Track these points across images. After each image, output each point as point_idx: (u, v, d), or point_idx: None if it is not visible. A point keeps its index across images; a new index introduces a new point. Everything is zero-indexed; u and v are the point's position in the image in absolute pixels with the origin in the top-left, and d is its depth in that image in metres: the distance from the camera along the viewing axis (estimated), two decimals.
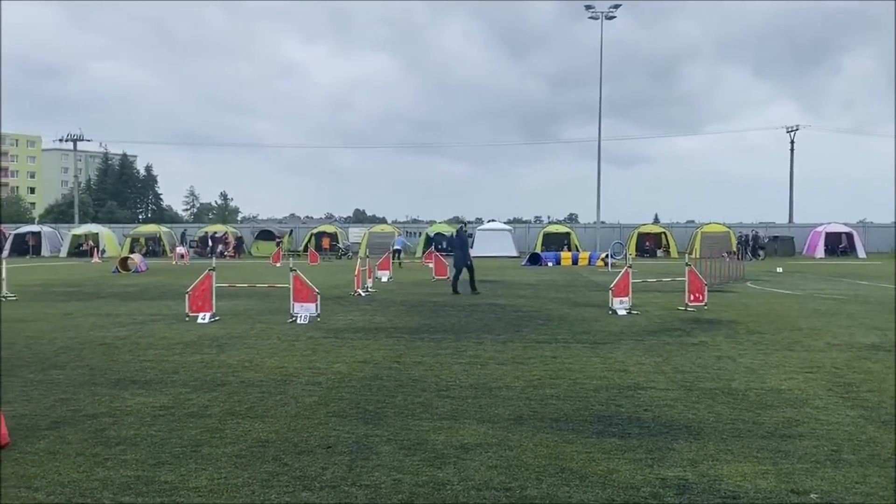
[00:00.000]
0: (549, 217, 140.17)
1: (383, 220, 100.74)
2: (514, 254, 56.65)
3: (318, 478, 5.63)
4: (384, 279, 28.48)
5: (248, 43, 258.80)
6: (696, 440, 6.70)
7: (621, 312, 16.83)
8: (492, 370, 9.98)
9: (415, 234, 67.10)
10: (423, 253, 51.18)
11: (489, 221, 69.40)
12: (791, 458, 6.22)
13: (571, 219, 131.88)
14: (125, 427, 7.11)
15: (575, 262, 45.01)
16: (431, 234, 60.85)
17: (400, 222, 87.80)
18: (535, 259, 44.83)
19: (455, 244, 24.31)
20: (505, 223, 67.43)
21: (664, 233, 60.62)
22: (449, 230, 63.29)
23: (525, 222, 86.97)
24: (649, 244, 59.16)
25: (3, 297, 20.58)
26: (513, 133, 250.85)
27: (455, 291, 22.38)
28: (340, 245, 59.21)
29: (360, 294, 21.83)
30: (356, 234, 64.89)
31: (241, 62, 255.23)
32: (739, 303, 19.53)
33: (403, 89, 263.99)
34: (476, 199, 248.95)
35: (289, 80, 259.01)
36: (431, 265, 32.23)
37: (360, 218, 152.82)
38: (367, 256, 26.90)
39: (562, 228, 61.57)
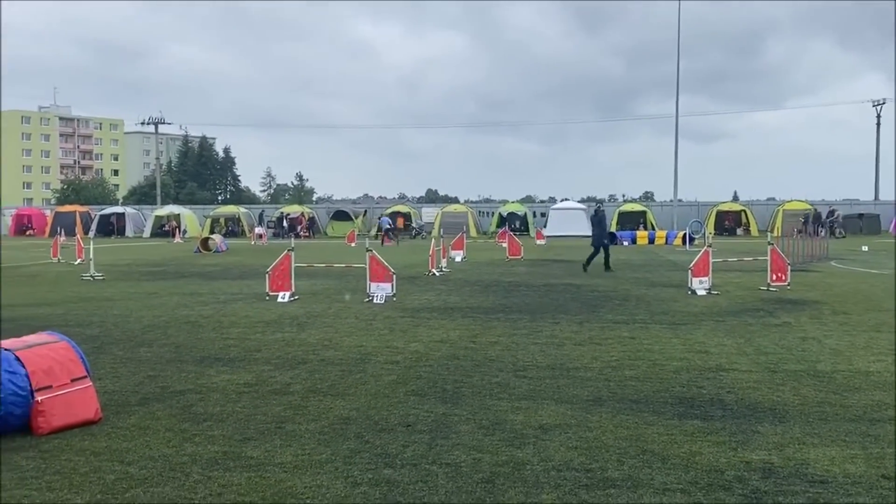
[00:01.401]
0: (623, 195, 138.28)
1: (455, 200, 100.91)
2: (589, 233, 56.08)
3: (398, 455, 5.70)
4: (458, 259, 28.55)
5: (320, 23, 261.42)
6: (781, 423, 6.56)
7: (701, 293, 16.53)
8: (569, 351, 9.94)
9: (487, 213, 67.01)
10: (497, 233, 51.08)
11: (562, 200, 68.87)
12: (881, 442, 6.04)
13: (647, 197, 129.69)
14: (211, 403, 7.33)
15: (651, 241, 44.36)
16: (504, 214, 60.68)
17: (472, 202, 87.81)
18: (610, 238, 44.31)
19: (593, 222, 24.49)
20: (579, 202, 66.79)
21: (744, 211, 59.22)
22: (521, 209, 63.03)
23: (599, 201, 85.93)
24: (729, 222, 57.87)
25: (92, 276, 21.35)
26: (586, 110, 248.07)
27: (585, 269, 22.76)
28: (414, 225, 59.54)
29: (434, 274, 21.95)
30: (429, 214, 65.15)
31: (314, 43, 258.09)
32: (823, 283, 18.98)
33: (475, 67, 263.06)
34: (549, 178, 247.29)
35: (361, 60, 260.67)
36: (505, 245, 32.16)
37: (432, 198, 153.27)
38: (441, 236, 26.96)
39: (637, 207, 60.70)
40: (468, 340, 10.79)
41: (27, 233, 65.46)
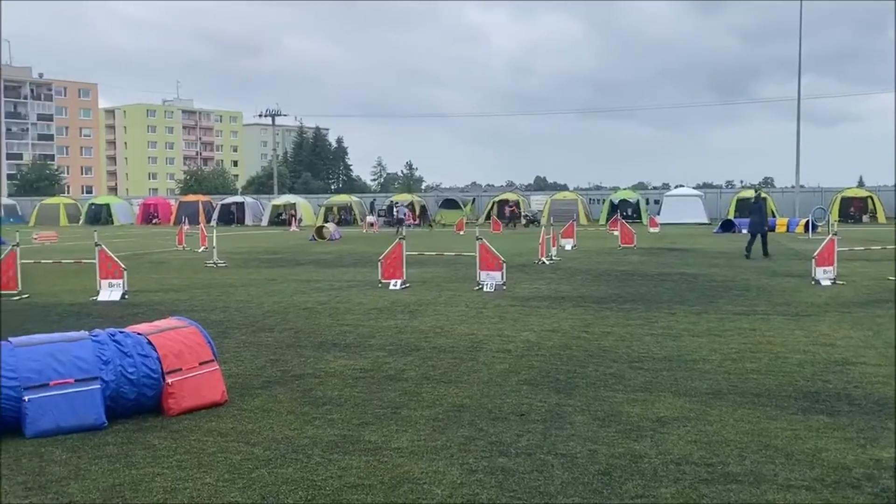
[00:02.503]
0: (742, 181, 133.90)
1: (565, 188, 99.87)
2: (705, 220, 54.61)
3: (513, 444, 5.72)
4: (568, 247, 28.31)
5: (429, 10, 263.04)
6: None
7: (825, 283, 15.87)
8: (686, 342, 9.72)
9: (598, 201, 66.12)
10: (608, 220, 50.35)
11: (677, 187, 67.26)
12: None
13: (767, 183, 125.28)
14: (330, 388, 7.53)
15: (772, 228, 42.71)
16: (615, 201, 59.74)
17: (582, 189, 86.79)
18: (727, 226, 43.03)
19: (753, 210, 24.29)
20: (694, 188, 65.07)
21: (870, 197, 56.42)
22: (634, 197, 61.90)
23: (716, 187, 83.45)
24: (854, 209, 55.25)
25: (214, 263, 22.22)
26: (703, 93, 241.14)
27: (747, 256, 22.75)
28: (524, 212, 59.31)
29: (544, 262, 21.84)
30: (538, 201, 64.78)
31: (423, 31, 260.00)
32: None
33: (586, 51, 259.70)
34: (662, 164, 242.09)
35: (469, 47, 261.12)
36: (616, 233, 31.68)
37: (541, 185, 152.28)
38: (539, 225, 26.77)
39: None
40: (580, 330, 10.70)
41: (153, 221, 68.62)
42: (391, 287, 15.94)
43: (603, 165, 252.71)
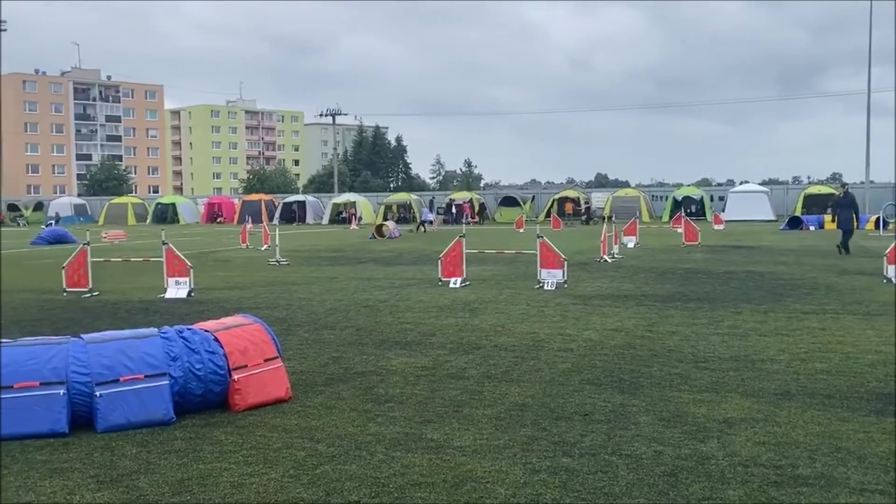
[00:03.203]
0: (809, 177, 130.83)
1: (626, 184, 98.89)
2: (772, 217, 53.44)
3: (577, 444, 5.68)
4: (630, 245, 27.99)
5: (486, 6, 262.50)
6: None
7: None
8: (753, 342, 9.53)
9: (660, 197, 65.22)
10: (671, 218, 49.64)
11: (742, 183, 66.02)
12: None
13: (835, 178, 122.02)
14: (391, 385, 7.58)
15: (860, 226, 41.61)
16: (679, 198, 58.85)
17: (644, 186, 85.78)
18: (794, 223, 42.06)
19: (841, 204, 24.16)
20: (759, 184, 63.75)
21: None
22: (697, 193, 60.92)
23: (782, 183, 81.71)
24: None
25: (277, 261, 22.55)
26: (769, 87, 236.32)
27: (846, 253, 22.70)
28: (588, 208, 58.84)
29: (606, 260, 21.63)
30: (599, 198, 64.18)
31: (481, 27, 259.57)
32: None
33: (648, 46, 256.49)
34: (727, 160, 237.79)
35: (528, 42, 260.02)
36: (680, 230, 31.21)
37: (602, 182, 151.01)
38: (613, 221, 26.52)
39: (825, 189, 57.10)
40: (644, 329, 10.57)
41: (217, 220, 69.90)
42: (451, 285, 15.96)
43: (666, 162, 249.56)
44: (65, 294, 15.33)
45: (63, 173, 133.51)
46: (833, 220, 30.72)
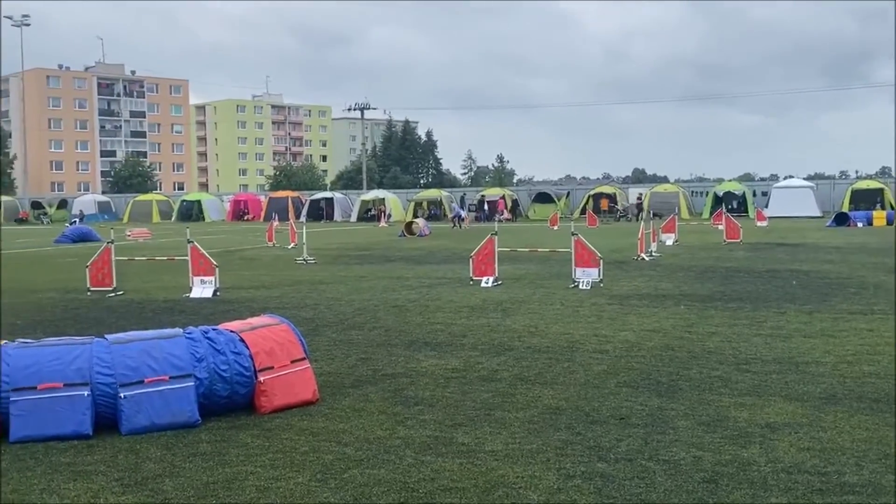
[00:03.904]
0: (857, 172, 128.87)
1: (665, 180, 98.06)
2: (817, 213, 52.81)
3: (612, 449, 5.66)
4: (669, 243, 27.81)
5: None
6: None
7: None
8: (797, 343, 9.43)
9: (700, 193, 64.71)
10: (711, 214, 49.23)
11: (786, 178, 65.29)
12: None
13: (884, 173, 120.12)
14: (421, 388, 7.60)
15: (890, 222, 41.02)
16: (720, 194, 58.34)
17: (683, 181, 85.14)
18: (841, 219, 41.51)
19: None
20: (805, 179, 63.01)
21: None
22: (739, 189, 60.36)
23: (828, 178, 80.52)
24: None
25: (304, 259, 22.69)
26: (814, 77, 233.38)
27: None
28: (619, 206, 58.56)
29: (643, 258, 21.52)
30: (636, 194, 63.78)
31: (512, 17, 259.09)
32: None
33: (687, 34, 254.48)
34: (770, 153, 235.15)
35: (562, 33, 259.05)
36: (721, 227, 30.94)
37: (639, 177, 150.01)
38: (652, 218, 26.35)
39: (874, 184, 56.33)
40: (683, 330, 10.51)
41: (244, 218, 70.49)
42: (483, 284, 15.96)
43: (706, 156, 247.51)
44: (89, 293, 15.55)
45: (87, 170, 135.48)
46: None
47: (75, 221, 56.10)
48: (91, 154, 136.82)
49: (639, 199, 57.39)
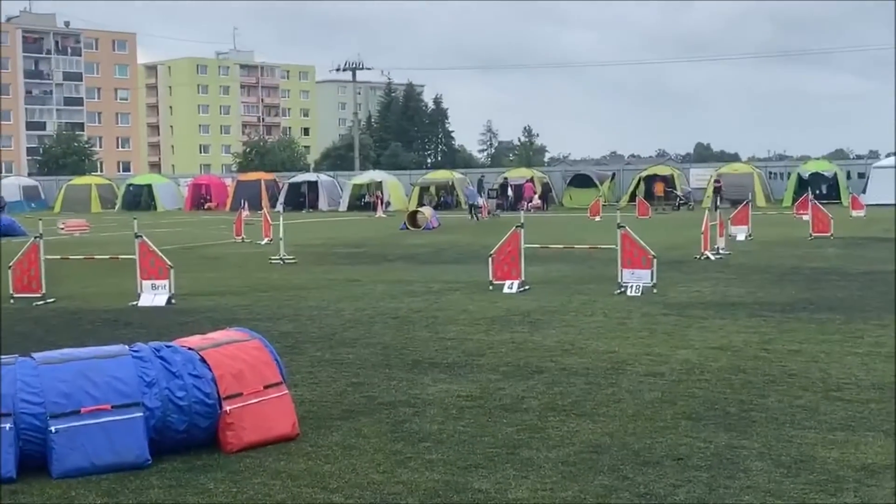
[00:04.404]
0: None
1: (736, 158, 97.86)
2: None
3: (668, 497, 5.67)
4: (740, 238, 27.79)
5: None
6: None
7: None
8: None
9: (781, 175, 64.53)
10: (794, 201, 49.12)
11: (888, 156, 65.02)
12: None
13: None
14: (428, 420, 7.62)
15: None
16: (805, 175, 58.19)
17: (759, 160, 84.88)
18: None
19: None
20: None
21: None
22: (829, 169, 60.19)
23: None
24: None
25: (281, 258, 22.76)
26: None
27: None
28: (678, 192, 58.47)
29: (708, 257, 21.51)
30: (699, 176, 63.67)
31: None
32: None
33: None
34: (869, 125, 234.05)
35: None
36: (806, 218, 30.88)
37: (703, 155, 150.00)
38: (718, 208, 26.33)
39: None
40: (758, 348, 10.52)
41: (205, 206, 70.68)
42: (505, 290, 15.98)
43: (787, 128, 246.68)
44: (12, 301, 15.64)
45: (9, 146, 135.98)
46: None
47: None
48: (14, 126, 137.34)
49: (717, 182, 57.01)
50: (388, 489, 5.94)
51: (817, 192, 52.32)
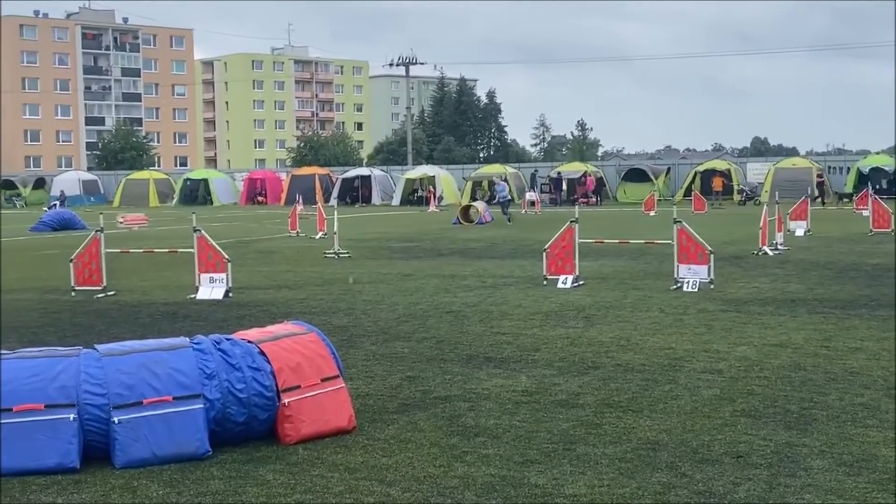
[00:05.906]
0: None
1: (794, 152, 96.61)
2: None
3: (728, 495, 5.64)
4: (799, 233, 27.49)
5: None
6: None
7: None
8: None
9: (840, 169, 63.63)
10: (856, 196, 48.42)
11: None
12: None
13: None
14: (484, 414, 7.64)
15: None
16: (865, 170, 57.33)
17: (817, 154, 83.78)
18: None
19: None
20: None
21: None
22: (890, 163, 59.23)
23: None
24: None
25: (336, 253, 22.87)
26: None
27: None
28: (745, 187, 57.89)
29: (766, 253, 21.29)
30: (757, 171, 63.00)
31: None
32: None
33: None
34: None
35: None
36: (867, 213, 30.44)
37: (761, 149, 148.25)
38: (777, 202, 26.04)
39: None
40: (818, 345, 10.41)
41: (260, 201, 71.20)
42: (560, 285, 15.94)
43: (847, 122, 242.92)
44: (73, 294, 15.89)
45: (69, 141, 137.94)
46: None
47: (55, 205, 57.18)
48: (74, 122, 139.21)
49: (819, 176, 56.13)
50: (444, 483, 5.96)
51: (877, 186, 51.53)
